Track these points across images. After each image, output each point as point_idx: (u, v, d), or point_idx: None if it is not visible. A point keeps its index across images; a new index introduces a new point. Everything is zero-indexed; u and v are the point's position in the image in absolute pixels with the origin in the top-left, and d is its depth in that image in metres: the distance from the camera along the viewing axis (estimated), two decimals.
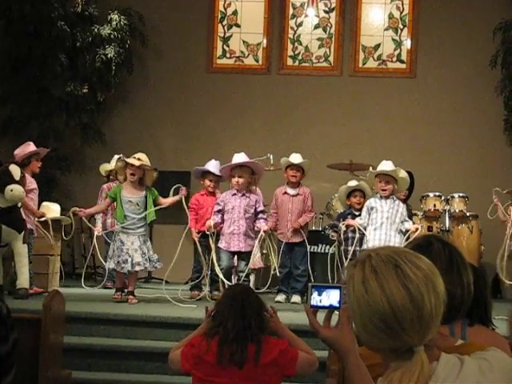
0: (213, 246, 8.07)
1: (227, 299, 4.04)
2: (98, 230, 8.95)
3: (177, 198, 8.38)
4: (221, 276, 7.97)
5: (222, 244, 8.07)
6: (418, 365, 1.91)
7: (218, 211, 8.11)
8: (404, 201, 9.11)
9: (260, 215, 8.10)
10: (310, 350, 3.99)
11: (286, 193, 8.78)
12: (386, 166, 8.20)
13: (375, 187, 8.24)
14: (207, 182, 8.81)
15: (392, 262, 1.96)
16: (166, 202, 8.44)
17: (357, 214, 8.58)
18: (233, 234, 7.98)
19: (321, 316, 2.18)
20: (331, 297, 2.15)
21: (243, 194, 8.04)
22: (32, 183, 8.58)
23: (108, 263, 8.29)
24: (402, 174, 8.21)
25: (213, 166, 8.77)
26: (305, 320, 2.17)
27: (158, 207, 8.30)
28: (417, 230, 8.15)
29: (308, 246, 8.83)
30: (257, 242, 8.16)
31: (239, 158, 8.16)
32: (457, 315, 2.32)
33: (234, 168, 8.08)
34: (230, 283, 7.73)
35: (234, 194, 8.06)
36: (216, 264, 8.05)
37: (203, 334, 3.93)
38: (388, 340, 1.94)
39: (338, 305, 2.14)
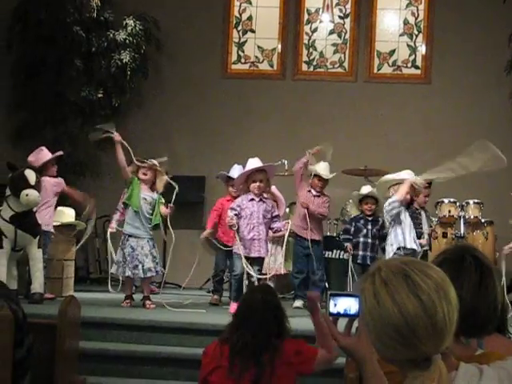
0: (240, 247, 7.63)
1: (246, 306, 3.94)
2: (111, 227, 8.45)
3: (164, 211, 8.30)
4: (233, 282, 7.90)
5: (239, 250, 7.62)
6: (436, 373, 1.90)
7: (235, 216, 7.69)
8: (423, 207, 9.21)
9: (275, 219, 7.85)
10: (331, 349, 3.77)
11: (309, 191, 8.70)
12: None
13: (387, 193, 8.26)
14: (231, 188, 8.75)
15: (402, 272, 1.95)
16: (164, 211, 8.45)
17: (369, 219, 8.96)
18: (253, 239, 7.67)
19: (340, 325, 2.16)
20: (350, 305, 2.13)
21: (260, 199, 7.75)
22: (60, 184, 8.73)
23: (115, 268, 8.23)
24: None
25: (236, 171, 8.67)
26: None
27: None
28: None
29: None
30: (284, 246, 8.26)
31: (255, 162, 7.89)
32: (481, 332, 2.29)
33: (252, 173, 7.79)
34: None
35: (252, 200, 7.72)
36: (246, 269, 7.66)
37: (218, 340, 3.88)
38: (404, 351, 1.93)
39: (356, 313, 2.13)
